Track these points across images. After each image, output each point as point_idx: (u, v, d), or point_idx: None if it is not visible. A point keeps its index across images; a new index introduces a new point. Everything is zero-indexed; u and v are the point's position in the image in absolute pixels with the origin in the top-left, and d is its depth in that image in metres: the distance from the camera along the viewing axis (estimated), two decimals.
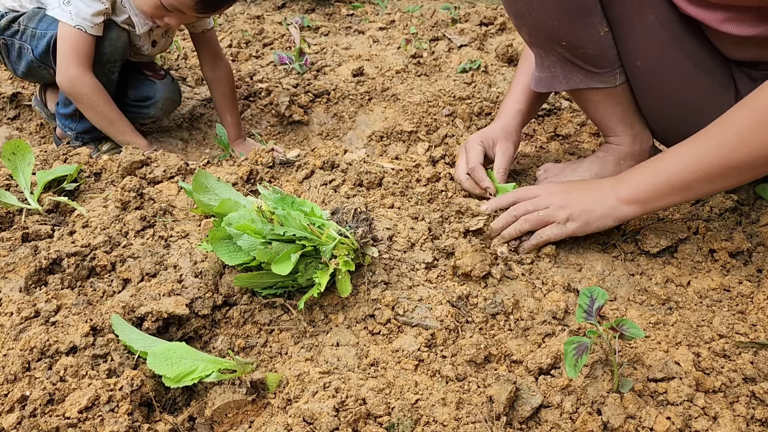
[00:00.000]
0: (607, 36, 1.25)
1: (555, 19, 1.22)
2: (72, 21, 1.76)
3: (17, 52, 1.94)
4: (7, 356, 0.91)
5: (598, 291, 0.92)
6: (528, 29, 1.28)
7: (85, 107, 1.86)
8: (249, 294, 1.09)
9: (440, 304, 1.06)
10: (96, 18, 1.78)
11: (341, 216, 1.17)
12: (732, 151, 1.02)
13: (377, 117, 2.26)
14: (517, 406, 0.90)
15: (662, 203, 1.13)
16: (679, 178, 1.08)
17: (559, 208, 1.19)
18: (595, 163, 1.43)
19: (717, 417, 0.88)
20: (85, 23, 1.77)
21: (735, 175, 1.06)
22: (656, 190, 1.11)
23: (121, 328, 0.96)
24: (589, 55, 1.26)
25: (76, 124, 1.96)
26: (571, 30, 1.23)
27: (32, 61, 1.91)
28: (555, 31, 1.24)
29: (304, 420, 0.84)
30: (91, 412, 0.84)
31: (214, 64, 2.13)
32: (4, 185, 1.40)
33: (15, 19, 1.90)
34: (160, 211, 1.29)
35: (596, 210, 1.16)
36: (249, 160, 1.54)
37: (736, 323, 1.05)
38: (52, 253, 1.10)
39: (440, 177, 1.49)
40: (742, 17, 1.12)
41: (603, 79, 1.30)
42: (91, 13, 1.77)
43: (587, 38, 1.24)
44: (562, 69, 1.31)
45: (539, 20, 1.24)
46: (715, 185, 1.09)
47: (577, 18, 1.21)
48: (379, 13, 3.37)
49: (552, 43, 1.27)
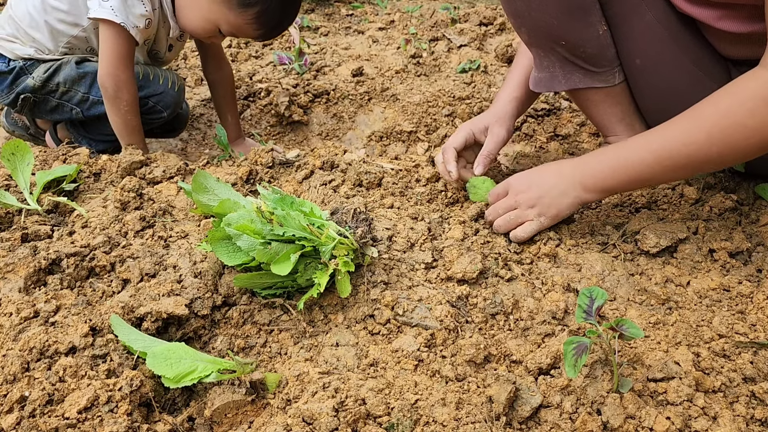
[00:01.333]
0: (606, 34, 1.25)
1: (554, 18, 1.22)
2: (117, 18, 1.62)
3: (51, 108, 1.82)
4: (7, 356, 0.91)
5: (597, 291, 0.92)
6: (527, 29, 1.29)
7: (116, 111, 1.73)
8: (248, 294, 1.09)
9: (440, 304, 1.06)
10: (139, 20, 1.67)
11: (341, 216, 1.17)
12: (699, 150, 1.06)
13: (377, 117, 2.26)
14: (516, 406, 0.90)
15: (624, 189, 1.23)
16: (644, 169, 1.13)
17: (528, 207, 1.24)
18: None
19: (717, 417, 0.88)
20: (128, 21, 1.65)
21: (701, 168, 1.13)
22: (619, 179, 1.16)
23: (121, 329, 0.96)
24: (588, 54, 1.27)
25: (96, 143, 1.92)
26: (570, 29, 1.23)
27: (74, 118, 1.82)
28: (554, 31, 1.25)
29: (303, 420, 0.84)
30: (90, 413, 0.84)
31: (217, 66, 2.12)
32: (4, 185, 1.40)
33: (51, 77, 1.76)
34: (160, 211, 1.29)
35: (563, 201, 1.22)
36: (248, 161, 1.54)
37: (736, 323, 1.05)
38: (52, 254, 1.10)
39: (440, 177, 1.49)
40: (738, 14, 1.13)
41: (602, 78, 1.31)
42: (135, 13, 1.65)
43: (587, 37, 1.24)
44: (562, 69, 1.31)
45: (538, 19, 1.24)
46: (680, 176, 1.17)
47: (576, 17, 1.22)
48: (379, 13, 3.37)
49: (551, 42, 1.27)
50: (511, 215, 1.25)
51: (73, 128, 1.93)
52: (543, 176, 1.26)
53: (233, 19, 1.70)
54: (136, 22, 1.67)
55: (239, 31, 1.74)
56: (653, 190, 1.42)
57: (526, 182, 1.26)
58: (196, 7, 1.72)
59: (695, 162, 1.08)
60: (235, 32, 1.75)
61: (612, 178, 1.17)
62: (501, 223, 1.26)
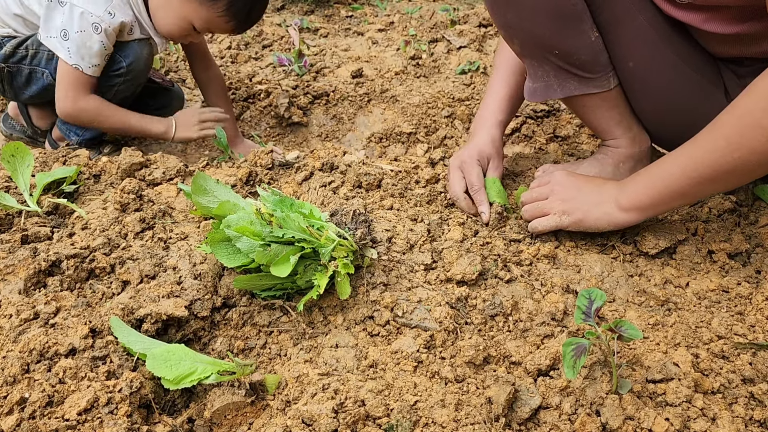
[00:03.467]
0: (598, 40, 1.26)
1: (546, 28, 1.22)
2: (70, 60, 1.71)
3: (25, 78, 1.88)
4: (7, 358, 0.91)
5: (596, 292, 0.92)
6: (519, 40, 1.29)
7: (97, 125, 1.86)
8: (248, 296, 1.09)
9: (439, 305, 1.06)
10: (97, 58, 1.74)
11: (340, 218, 1.17)
12: (722, 157, 1.03)
13: (376, 118, 2.26)
14: (516, 407, 0.90)
15: (660, 209, 1.17)
16: (676, 186, 1.10)
17: (559, 201, 1.24)
18: (593, 165, 1.43)
19: (716, 418, 0.88)
20: (83, 63, 1.72)
21: (731, 179, 1.07)
22: (653, 197, 1.14)
23: (121, 330, 0.96)
24: (582, 61, 1.27)
25: (83, 131, 1.96)
26: (563, 37, 1.23)
27: (50, 84, 1.85)
28: (547, 40, 1.24)
29: (303, 422, 0.85)
30: (90, 414, 0.84)
31: (205, 66, 2.17)
32: (4, 187, 1.40)
33: (20, 44, 1.83)
34: (160, 213, 1.29)
35: (593, 212, 1.21)
36: (248, 162, 1.54)
37: (735, 324, 1.05)
38: (52, 255, 1.11)
39: (439, 178, 1.49)
40: (723, 16, 1.13)
41: (597, 83, 1.31)
42: (92, 52, 1.72)
43: (579, 44, 1.24)
44: (556, 77, 1.32)
45: (530, 30, 1.24)
46: (712, 189, 1.11)
47: (568, 25, 1.22)
48: (378, 14, 3.38)
49: (544, 51, 1.27)
50: (539, 203, 1.26)
51: (61, 123, 1.97)
52: (587, 182, 1.26)
53: (204, 13, 1.76)
54: (94, 61, 1.75)
55: (212, 26, 1.80)
56: None
57: (570, 180, 1.27)
58: (169, 7, 1.78)
59: (720, 172, 1.04)
60: (208, 27, 1.81)
61: (645, 194, 1.15)
62: (528, 209, 1.28)
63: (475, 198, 1.37)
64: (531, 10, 1.21)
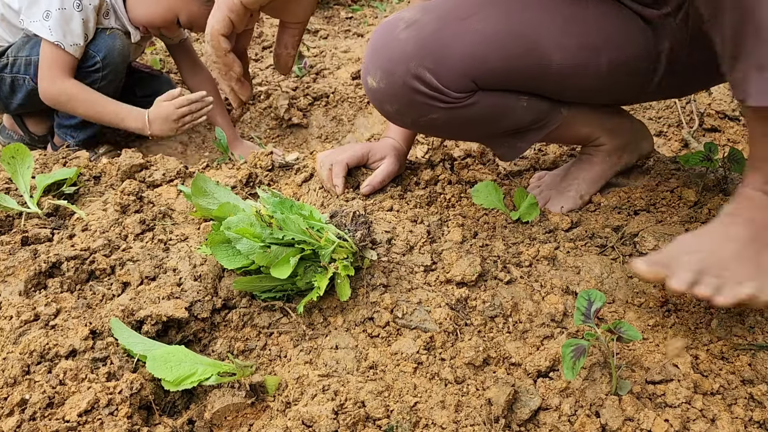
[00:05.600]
0: (531, 100, 1.26)
1: (483, 137, 1.38)
2: (51, 36, 1.73)
3: (9, 87, 1.90)
4: (7, 359, 0.91)
5: (595, 293, 0.92)
6: (467, 142, 1.37)
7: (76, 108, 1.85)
8: (248, 297, 1.09)
9: (439, 306, 1.06)
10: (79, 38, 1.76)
11: (340, 219, 1.17)
12: None
13: (376, 120, 2.26)
14: (515, 408, 0.90)
15: None
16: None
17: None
18: (582, 168, 1.45)
19: (715, 419, 0.88)
20: (65, 40, 1.74)
21: None
22: None
23: (121, 332, 0.96)
24: (528, 122, 1.30)
25: (78, 132, 1.96)
26: (498, 129, 1.30)
27: (33, 89, 1.86)
28: (488, 139, 1.37)
29: (303, 423, 0.85)
30: (90, 416, 0.84)
31: (194, 70, 2.19)
32: (4, 189, 1.40)
33: (2, 53, 1.85)
34: (160, 214, 1.30)
35: None
36: (248, 164, 1.55)
37: (734, 326, 1.05)
38: (52, 257, 1.11)
39: (439, 180, 1.49)
40: None
41: (551, 122, 1.33)
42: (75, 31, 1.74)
43: (517, 120, 1.28)
44: (516, 139, 1.36)
45: (471, 141, 1.45)
46: None
47: (499, 122, 1.28)
48: (378, 16, 3.38)
49: (492, 138, 1.36)
50: None
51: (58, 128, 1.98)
52: None
53: (196, 9, 1.77)
54: (76, 40, 1.76)
55: (196, 24, 1.81)
56: (651, 192, 1.42)
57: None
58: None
59: None
60: (192, 24, 1.82)
61: None
62: None
63: (334, 168, 1.41)
64: (466, 137, 1.39)
